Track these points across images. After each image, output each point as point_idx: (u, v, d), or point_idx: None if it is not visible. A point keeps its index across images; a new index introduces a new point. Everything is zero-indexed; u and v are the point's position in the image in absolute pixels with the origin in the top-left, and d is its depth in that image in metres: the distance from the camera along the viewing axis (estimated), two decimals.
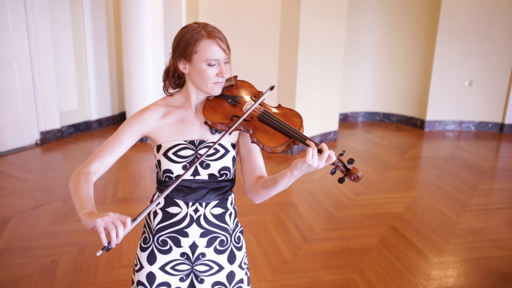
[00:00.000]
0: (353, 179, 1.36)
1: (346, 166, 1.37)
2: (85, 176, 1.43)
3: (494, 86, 6.40)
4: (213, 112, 1.49)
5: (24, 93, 5.19)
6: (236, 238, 1.61)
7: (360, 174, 1.35)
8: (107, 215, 1.23)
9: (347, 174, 1.37)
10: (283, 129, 1.41)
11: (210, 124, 1.48)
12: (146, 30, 5.27)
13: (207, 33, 1.43)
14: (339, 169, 1.38)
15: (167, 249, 1.53)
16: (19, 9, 4.98)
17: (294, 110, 1.50)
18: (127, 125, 1.52)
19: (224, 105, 1.52)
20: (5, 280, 2.81)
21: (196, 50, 1.43)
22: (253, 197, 1.57)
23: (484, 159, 5.39)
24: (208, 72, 1.44)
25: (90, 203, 1.35)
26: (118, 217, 1.24)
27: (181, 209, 1.50)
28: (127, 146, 1.51)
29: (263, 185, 1.50)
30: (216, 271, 1.55)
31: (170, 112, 1.53)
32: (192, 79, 1.50)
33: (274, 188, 1.46)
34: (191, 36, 1.44)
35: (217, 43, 1.44)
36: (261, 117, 1.45)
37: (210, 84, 1.47)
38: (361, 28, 6.60)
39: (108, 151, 1.48)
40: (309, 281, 2.90)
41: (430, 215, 3.87)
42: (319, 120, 5.66)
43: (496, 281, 2.95)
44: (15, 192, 4.10)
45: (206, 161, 1.48)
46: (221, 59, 1.45)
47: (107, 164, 1.49)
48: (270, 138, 1.41)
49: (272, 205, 3.96)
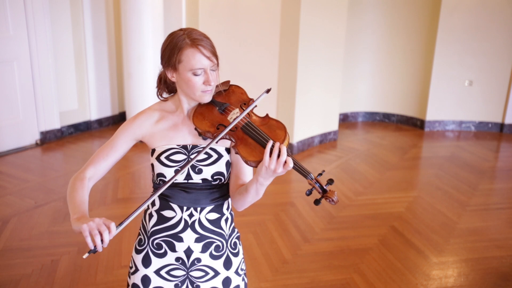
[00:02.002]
0: (329, 202, 1.31)
1: (323, 187, 1.33)
2: (80, 181, 1.47)
3: (494, 86, 6.40)
4: (202, 119, 1.47)
5: (24, 93, 5.19)
6: (232, 244, 1.59)
7: (336, 198, 1.30)
8: (93, 221, 1.27)
9: (323, 197, 1.32)
10: (263, 143, 1.36)
11: (199, 131, 1.46)
12: (146, 30, 5.27)
13: (191, 41, 1.40)
14: (316, 190, 1.34)
15: (162, 253, 1.52)
16: (19, 9, 4.98)
17: (280, 122, 1.43)
18: (121, 131, 1.53)
19: (213, 112, 1.49)
20: (5, 280, 2.81)
21: (181, 59, 1.41)
22: (233, 203, 1.55)
23: (484, 159, 5.39)
24: (194, 81, 1.42)
25: (81, 208, 1.38)
26: (103, 222, 1.27)
27: (176, 214, 1.49)
28: (121, 152, 1.53)
29: (238, 192, 1.49)
30: (212, 276, 1.54)
31: (164, 117, 1.53)
32: (180, 87, 1.48)
33: (246, 195, 1.44)
34: (175, 45, 1.41)
35: (200, 51, 1.39)
36: (244, 129, 1.42)
37: (198, 93, 1.44)
38: (361, 28, 6.60)
39: (102, 157, 1.51)
40: (309, 281, 2.90)
41: (430, 215, 3.87)
42: (319, 120, 5.66)
43: (496, 281, 2.95)
44: (15, 192, 4.10)
45: (198, 166, 1.46)
46: (207, 67, 1.41)
47: (102, 170, 1.52)
48: (251, 151, 1.37)
49: (272, 205, 3.96)
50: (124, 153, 1.54)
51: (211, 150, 1.48)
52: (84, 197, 1.43)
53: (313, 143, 5.65)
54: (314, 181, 1.33)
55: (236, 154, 1.48)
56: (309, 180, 1.34)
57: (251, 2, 5.30)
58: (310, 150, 5.53)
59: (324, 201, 1.34)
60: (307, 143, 5.54)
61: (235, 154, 1.51)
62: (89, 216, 1.37)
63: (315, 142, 5.68)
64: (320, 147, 5.68)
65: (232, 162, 1.53)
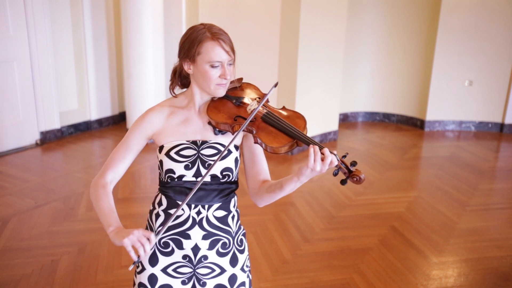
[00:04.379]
0: (355, 181, 1.34)
1: (349, 168, 1.35)
2: (102, 188, 1.49)
3: (494, 86, 6.40)
4: (217, 112, 1.49)
5: (24, 93, 5.19)
6: (238, 240, 1.60)
7: (363, 176, 1.33)
8: (132, 234, 1.31)
9: (349, 176, 1.35)
10: (286, 129, 1.41)
11: (213, 124, 1.48)
12: (146, 30, 5.27)
13: (211, 35, 1.44)
14: (342, 170, 1.37)
15: (169, 251, 1.53)
16: (19, 9, 4.98)
17: (298, 112, 1.49)
18: (133, 130, 1.55)
19: (228, 105, 1.52)
20: (5, 280, 2.82)
21: (200, 51, 1.44)
22: (257, 201, 1.57)
23: (484, 159, 5.39)
24: (211, 74, 1.44)
25: (113, 217, 1.43)
26: (142, 233, 1.32)
27: (183, 211, 1.50)
28: (136, 151, 1.55)
29: (268, 189, 1.50)
30: (218, 273, 1.55)
31: (174, 113, 1.54)
32: (196, 79, 1.50)
33: (279, 193, 1.47)
34: (195, 37, 1.44)
35: (220, 45, 1.43)
36: (265, 118, 1.45)
37: (213, 86, 1.47)
38: (361, 27, 6.60)
39: (119, 159, 1.53)
40: (309, 281, 2.90)
41: (430, 215, 3.87)
42: (319, 120, 5.66)
43: (496, 281, 2.95)
44: (15, 192, 4.10)
45: (208, 161, 1.48)
46: (225, 61, 1.45)
47: (121, 172, 1.55)
48: (273, 138, 1.41)
49: (272, 205, 3.96)
50: (139, 152, 1.56)
51: (220, 145, 1.50)
52: (111, 205, 1.47)
53: None
54: (340, 162, 1.35)
55: (256, 147, 1.52)
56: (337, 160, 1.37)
57: (251, 2, 5.30)
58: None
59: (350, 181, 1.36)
60: None
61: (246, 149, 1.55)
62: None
63: None
64: None
65: (247, 159, 1.57)
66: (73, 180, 4.42)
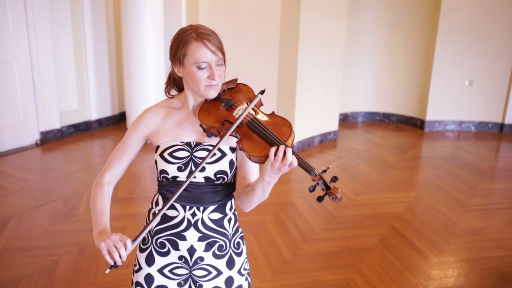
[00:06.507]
0: (332, 199, 1.31)
1: (327, 184, 1.32)
2: (100, 188, 1.52)
3: (494, 86, 6.40)
4: (207, 115, 1.47)
5: (24, 93, 5.19)
6: (235, 243, 1.59)
7: (340, 195, 1.30)
8: (110, 238, 1.33)
9: (327, 193, 1.31)
10: (269, 138, 1.36)
11: (204, 127, 1.46)
12: (146, 30, 5.27)
13: (196, 35, 1.41)
14: (320, 186, 1.33)
15: (165, 252, 1.53)
16: (19, 9, 4.98)
17: (285, 119, 1.44)
18: (130, 131, 1.55)
19: (219, 108, 1.49)
20: (5, 280, 2.81)
21: (186, 52, 1.42)
22: (240, 204, 1.55)
23: (484, 159, 5.39)
24: (198, 75, 1.42)
25: (102, 220, 1.45)
26: (119, 238, 1.34)
27: (178, 213, 1.50)
28: (134, 151, 1.56)
29: (245, 192, 1.49)
30: (215, 275, 1.54)
31: (170, 113, 1.54)
32: (186, 82, 1.49)
33: (253, 195, 1.45)
34: (181, 39, 1.43)
35: (205, 45, 1.40)
36: (249, 124, 1.42)
37: (203, 87, 1.45)
38: (361, 27, 6.60)
39: (117, 160, 1.55)
40: (309, 281, 2.90)
41: (430, 215, 3.87)
42: (319, 120, 5.66)
43: (496, 281, 2.95)
44: (15, 192, 4.10)
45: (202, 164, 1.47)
46: (211, 61, 1.42)
47: (119, 172, 1.56)
48: (255, 147, 1.37)
49: (272, 205, 3.96)
50: (137, 152, 1.58)
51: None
52: (104, 206, 1.49)
53: (313, 143, 5.65)
54: (318, 178, 1.32)
55: (240, 151, 1.49)
56: (313, 176, 1.33)
57: (251, 2, 5.30)
58: (310, 150, 5.53)
59: (328, 198, 1.33)
60: (307, 143, 5.54)
61: (239, 151, 1.51)
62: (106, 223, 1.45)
63: (315, 142, 5.68)
64: (320, 147, 5.68)
65: (238, 162, 1.53)
66: (73, 180, 4.42)
